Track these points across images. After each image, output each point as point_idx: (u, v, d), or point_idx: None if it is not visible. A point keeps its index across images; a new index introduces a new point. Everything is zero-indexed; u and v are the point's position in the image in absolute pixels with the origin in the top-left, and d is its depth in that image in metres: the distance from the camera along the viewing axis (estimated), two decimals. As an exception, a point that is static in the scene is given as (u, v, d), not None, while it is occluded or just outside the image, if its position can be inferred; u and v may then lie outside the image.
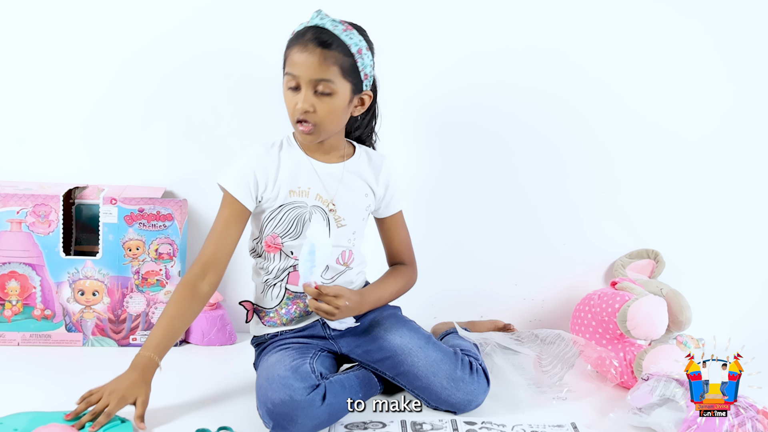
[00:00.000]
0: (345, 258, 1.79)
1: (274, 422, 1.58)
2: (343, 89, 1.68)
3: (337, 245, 1.76)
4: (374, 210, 1.84)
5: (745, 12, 2.13)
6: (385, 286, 1.82)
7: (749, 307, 2.22)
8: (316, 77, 1.65)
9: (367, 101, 1.74)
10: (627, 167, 2.18)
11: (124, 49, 2.08)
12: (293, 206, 1.75)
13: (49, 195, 1.98)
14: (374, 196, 1.82)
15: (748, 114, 2.17)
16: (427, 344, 1.74)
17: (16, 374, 1.86)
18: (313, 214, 1.75)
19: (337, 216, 1.77)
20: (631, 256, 2.18)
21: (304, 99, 1.66)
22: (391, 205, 1.85)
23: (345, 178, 1.78)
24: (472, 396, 1.71)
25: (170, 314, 1.67)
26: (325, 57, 1.64)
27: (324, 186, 1.76)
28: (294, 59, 1.66)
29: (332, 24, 1.67)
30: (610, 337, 1.97)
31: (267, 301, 1.79)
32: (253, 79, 2.08)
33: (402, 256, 1.88)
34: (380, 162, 1.83)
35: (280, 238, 1.75)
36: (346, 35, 1.66)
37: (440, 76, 2.12)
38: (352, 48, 1.66)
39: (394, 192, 1.84)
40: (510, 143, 2.15)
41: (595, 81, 2.14)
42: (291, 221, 1.75)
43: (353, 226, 1.79)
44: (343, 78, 1.67)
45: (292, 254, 1.75)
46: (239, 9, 2.07)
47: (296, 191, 1.75)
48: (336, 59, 1.65)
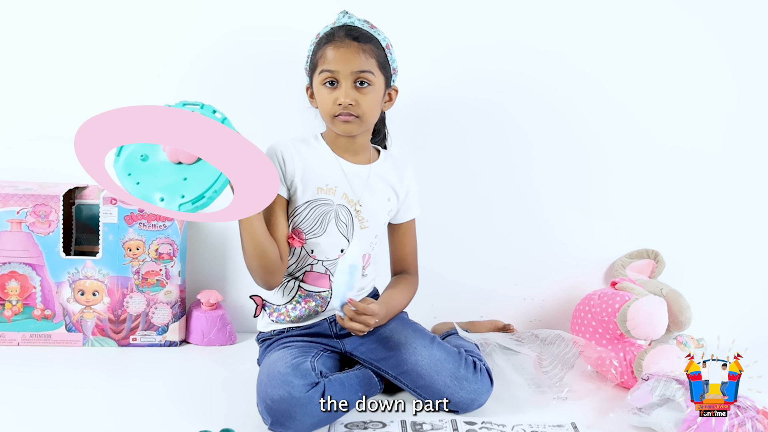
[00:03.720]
0: (364, 261, 1.80)
1: (273, 419, 1.58)
2: (379, 82, 1.73)
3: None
4: (393, 215, 1.85)
5: (747, 13, 2.13)
6: (401, 297, 1.84)
7: (749, 308, 2.22)
8: (357, 69, 1.69)
9: (394, 96, 1.80)
10: (627, 167, 2.18)
11: (124, 49, 2.08)
12: (320, 203, 1.76)
13: (49, 195, 1.98)
14: (397, 201, 1.83)
15: (749, 116, 2.17)
16: (431, 343, 1.74)
17: (16, 374, 1.86)
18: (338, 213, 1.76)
19: (361, 217, 1.78)
20: (631, 256, 2.18)
21: (346, 93, 1.69)
22: (409, 211, 1.87)
23: (371, 181, 1.79)
24: (475, 395, 1.71)
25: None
26: (363, 50, 1.70)
27: (351, 186, 1.77)
28: (330, 56, 1.70)
29: (360, 23, 1.73)
30: (610, 337, 1.97)
31: (278, 297, 1.80)
32: (255, 79, 2.08)
33: (408, 264, 1.89)
34: (404, 167, 1.86)
35: (305, 233, 1.76)
36: (374, 32, 1.73)
37: (441, 77, 2.12)
38: (382, 43, 1.73)
39: (413, 198, 1.87)
40: (510, 143, 2.15)
41: (595, 81, 2.14)
42: (317, 218, 1.76)
43: (375, 229, 1.80)
44: (380, 70, 1.72)
45: (312, 252, 1.76)
46: (244, 8, 2.07)
47: (324, 188, 1.76)
48: (373, 52, 1.71)
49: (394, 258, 1.90)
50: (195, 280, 2.13)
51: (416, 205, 1.89)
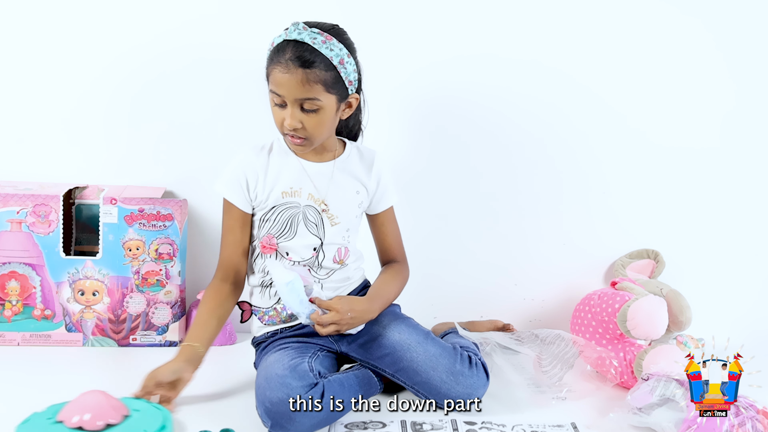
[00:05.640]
0: (341, 255, 1.80)
1: (273, 421, 1.58)
2: (329, 102, 1.68)
3: (332, 243, 1.78)
4: (367, 206, 1.85)
5: (745, 13, 2.13)
6: (390, 287, 1.83)
7: (749, 307, 2.22)
8: (301, 97, 1.66)
9: (355, 104, 1.75)
10: (627, 167, 2.17)
11: (124, 49, 2.08)
12: (286, 207, 1.76)
13: (49, 195, 1.98)
14: (367, 193, 1.82)
15: (748, 115, 2.17)
16: (425, 340, 1.74)
17: (16, 374, 1.86)
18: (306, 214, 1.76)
19: (330, 214, 1.78)
20: (631, 256, 2.18)
21: (291, 116, 1.68)
22: (383, 201, 1.86)
23: (336, 177, 1.79)
24: (471, 389, 1.71)
25: (205, 312, 1.75)
26: (307, 77, 1.64)
27: (315, 185, 1.77)
28: (277, 79, 1.66)
29: (311, 37, 1.65)
30: (610, 337, 1.97)
31: (264, 300, 1.80)
32: (252, 79, 2.07)
33: (394, 253, 1.89)
34: (371, 157, 1.84)
35: (275, 238, 1.76)
36: (326, 47, 1.65)
37: (440, 76, 2.12)
38: (333, 60, 1.66)
39: (386, 187, 1.85)
40: (510, 143, 2.15)
41: (594, 80, 2.13)
42: (285, 222, 1.76)
43: (346, 223, 1.80)
44: (328, 92, 1.67)
45: (287, 255, 1.76)
46: (239, 11, 2.07)
47: (288, 192, 1.76)
48: (318, 77, 1.65)
49: (379, 248, 1.89)
50: (195, 280, 2.13)
51: (391, 193, 1.86)
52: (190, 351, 1.70)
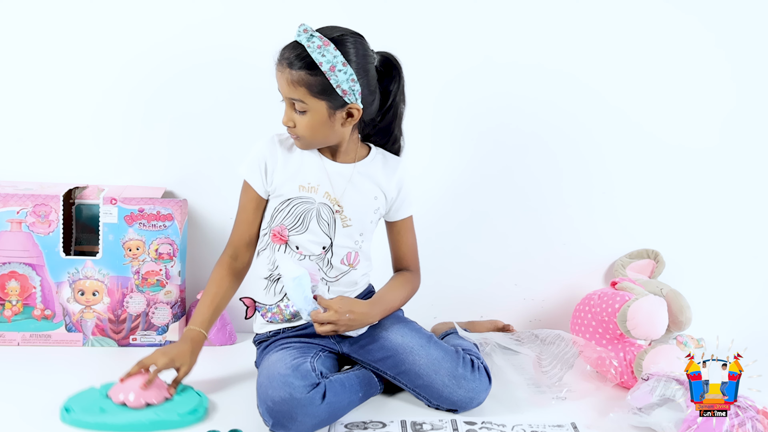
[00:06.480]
0: (350, 259, 1.80)
1: (274, 420, 1.58)
2: (317, 107, 1.69)
3: (342, 245, 1.78)
4: (385, 213, 1.85)
5: (746, 13, 2.13)
6: (395, 294, 1.83)
7: (749, 308, 2.22)
8: (288, 96, 1.70)
9: (357, 115, 1.72)
10: (627, 167, 2.17)
11: (125, 50, 2.08)
12: (301, 201, 1.76)
13: (49, 195, 1.98)
14: (386, 199, 1.82)
15: (748, 115, 2.17)
16: (428, 343, 1.75)
17: (16, 374, 1.86)
18: (320, 212, 1.76)
19: (343, 216, 1.78)
20: (631, 256, 2.18)
21: (285, 114, 1.73)
22: (402, 209, 1.86)
23: (354, 179, 1.79)
24: (473, 393, 1.71)
25: (212, 292, 1.77)
26: (291, 77, 1.67)
27: (332, 184, 1.77)
28: (276, 76, 1.71)
29: (308, 40, 1.66)
30: (610, 337, 1.97)
31: (269, 296, 1.80)
32: (253, 80, 2.08)
33: (408, 262, 1.89)
34: (395, 165, 1.84)
35: (287, 230, 1.76)
36: (318, 53, 1.65)
37: (445, 81, 2.12)
38: (323, 66, 1.65)
39: (406, 196, 1.85)
40: (510, 143, 2.15)
41: (594, 82, 2.13)
42: (298, 215, 1.76)
43: (360, 227, 1.80)
44: (314, 97, 1.68)
45: (297, 249, 1.76)
46: (240, 15, 2.07)
47: (306, 187, 1.76)
48: (303, 80, 1.66)
49: (393, 255, 1.90)
50: (195, 280, 2.13)
51: (411, 203, 1.87)
52: (198, 337, 1.74)
